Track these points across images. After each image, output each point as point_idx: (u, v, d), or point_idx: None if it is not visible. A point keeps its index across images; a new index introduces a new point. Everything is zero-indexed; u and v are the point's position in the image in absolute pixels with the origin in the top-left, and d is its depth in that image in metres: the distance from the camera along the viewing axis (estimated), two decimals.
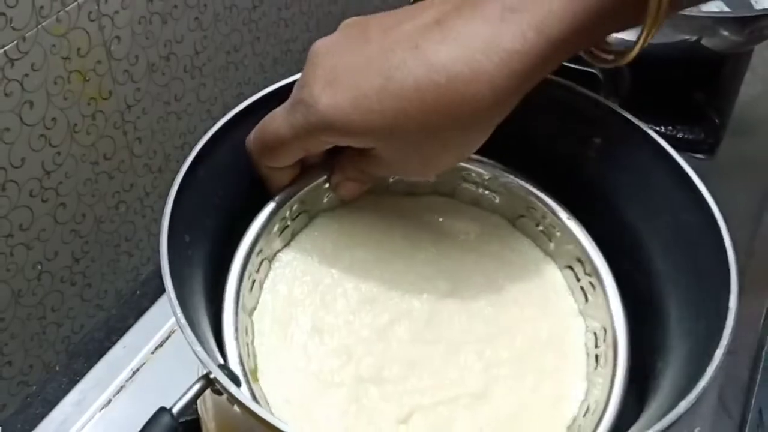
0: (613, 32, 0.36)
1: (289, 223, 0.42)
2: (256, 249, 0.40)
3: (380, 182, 0.44)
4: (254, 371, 0.37)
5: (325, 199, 0.43)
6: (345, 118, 0.35)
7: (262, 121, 0.39)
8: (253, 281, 0.40)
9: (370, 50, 0.36)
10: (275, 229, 0.41)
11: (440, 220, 0.44)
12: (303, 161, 0.41)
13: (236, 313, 0.37)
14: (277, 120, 0.38)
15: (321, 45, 0.37)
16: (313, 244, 0.42)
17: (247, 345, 0.38)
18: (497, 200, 0.44)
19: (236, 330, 0.37)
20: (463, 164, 0.43)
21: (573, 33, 0.34)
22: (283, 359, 0.38)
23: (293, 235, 0.42)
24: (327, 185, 0.42)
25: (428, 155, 0.38)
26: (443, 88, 0.34)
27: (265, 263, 0.41)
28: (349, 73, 0.35)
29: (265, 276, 0.41)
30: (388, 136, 0.36)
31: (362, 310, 0.40)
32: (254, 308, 0.40)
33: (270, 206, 0.41)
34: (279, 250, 0.42)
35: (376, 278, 0.41)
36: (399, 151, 0.37)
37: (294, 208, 0.42)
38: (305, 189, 0.42)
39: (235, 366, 0.35)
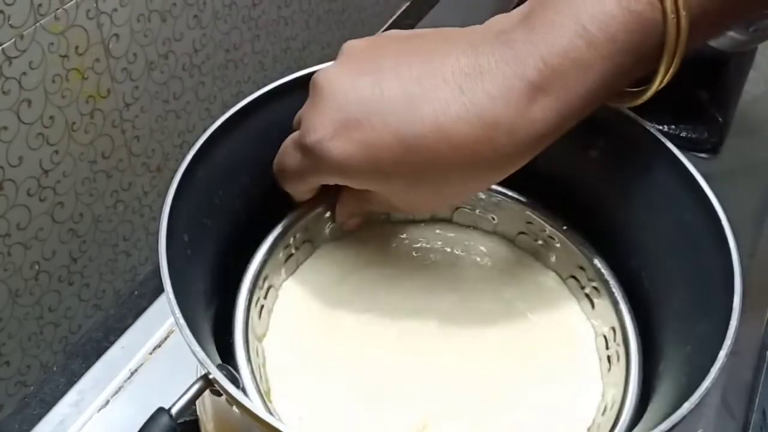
0: (628, 85, 0.36)
1: (293, 251, 0.42)
2: (263, 274, 0.40)
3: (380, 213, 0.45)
4: (268, 392, 0.37)
5: (327, 230, 0.44)
6: (356, 168, 0.35)
7: (280, 152, 0.39)
8: (262, 307, 0.40)
9: (385, 96, 0.34)
10: (280, 255, 0.41)
11: (440, 243, 0.45)
12: None
13: (246, 340, 0.37)
14: (290, 159, 0.38)
15: (326, 81, 0.36)
16: (318, 270, 0.43)
17: (260, 367, 0.38)
18: (495, 220, 0.45)
19: (248, 354, 0.37)
20: None
21: (591, 106, 0.34)
22: (295, 378, 0.39)
23: (298, 265, 0.43)
24: (328, 214, 0.43)
25: (433, 199, 0.38)
26: (458, 157, 0.34)
27: (272, 291, 0.41)
28: (359, 122, 0.34)
29: (273, 303, 0.41)
30: (395, 183, 0.36)
31: (372, 326, 0.41)
32: (264, 334, 0.40)
33: (275, 232, 0.41)
34: (285, 279, 0.42)
35: (385, 296, 0.42)
36: (404, 195, 0.38)
37: (297, 236, 0.42)
38: (308, 216, 0.42)
39: (250, 389, 0.35)
